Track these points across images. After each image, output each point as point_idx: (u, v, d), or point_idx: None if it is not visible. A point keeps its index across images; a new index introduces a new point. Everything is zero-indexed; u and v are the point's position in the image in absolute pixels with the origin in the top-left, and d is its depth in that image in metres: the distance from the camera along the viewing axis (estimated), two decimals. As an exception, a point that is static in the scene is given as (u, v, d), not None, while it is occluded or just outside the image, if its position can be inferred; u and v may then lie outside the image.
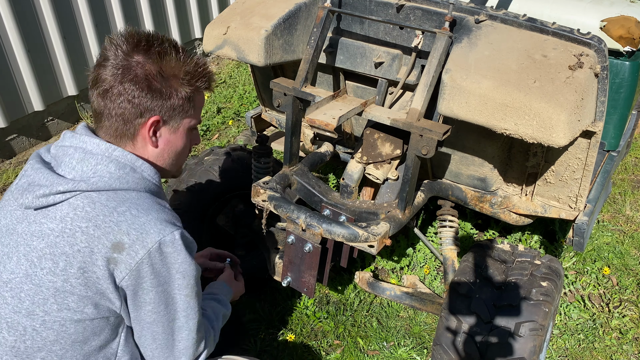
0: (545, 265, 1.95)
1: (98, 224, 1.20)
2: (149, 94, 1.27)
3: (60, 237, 1.20)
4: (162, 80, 1.28)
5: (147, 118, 1.30)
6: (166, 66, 1.28)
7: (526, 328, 1.77)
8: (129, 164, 1.29)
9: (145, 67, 1.26)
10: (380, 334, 2.43)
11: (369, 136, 1.96)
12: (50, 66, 3.62)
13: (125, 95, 1.26)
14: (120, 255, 1.20)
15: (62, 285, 1.20)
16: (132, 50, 1.26)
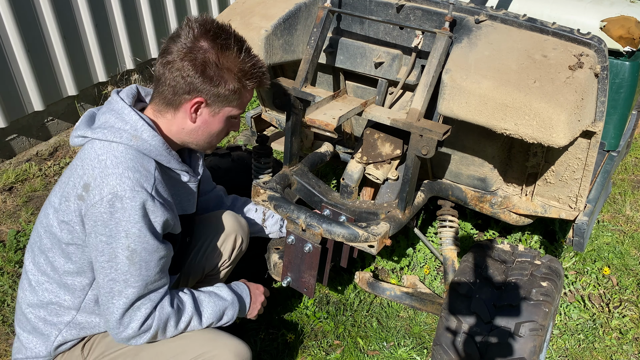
0: (545, 265, 1.95)
1: (84, 165, 1.44)
2: (201, 77, 1.43)
3: (68, 170, 1.51)
4: (216, 69, 1.43)
5: (193, 96, 1.46)
6: (224, 58, 1.44)
7: (526, 328, 1.77)
8: (130, 122, 1.47)
9: (207, 53, 1.42)
10: (380, 334, 2.43)
11: (369, 136, 1.96)
12: (50, 66, 3.62)
13: (182, 71, 1.43)
14: (86, 194, 1.42)
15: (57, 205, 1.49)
16: (201, 35, 1.42)
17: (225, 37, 1.44)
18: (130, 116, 1.47)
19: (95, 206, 1.40)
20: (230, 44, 1.44)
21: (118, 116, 1.48)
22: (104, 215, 1.40)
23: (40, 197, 3.28)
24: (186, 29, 1.43)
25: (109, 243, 1.43)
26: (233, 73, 1.45)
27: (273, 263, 2.17)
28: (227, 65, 1.44)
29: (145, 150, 1.47)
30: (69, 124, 3.95)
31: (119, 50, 4.16)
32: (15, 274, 2.69)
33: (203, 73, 1.43)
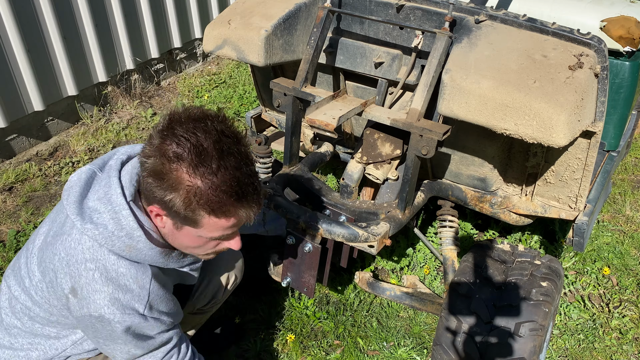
0: (545, 265, 1.95)
1: (70, 263, 1.30)
2: (156, 185, 1.19)
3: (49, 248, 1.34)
4: (167, 181, 1.16)
5: (152, 202, 1.25)
6: (176, 171, 1.15)
7: (526, 328, 1.77)
8: (127, 228, 1.27)
9: (161, 159, 1.16)
10: (380, 334, 2.43)
11: (369, 136, 1.96)
12: (50, 66, 3.62)
13: (143, 171, 1.23)
14: (74, 299, 1.31)
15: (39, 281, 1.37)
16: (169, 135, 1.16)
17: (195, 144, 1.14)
18: (127, 221, 1.27)
19: (84, 318, 1.31)
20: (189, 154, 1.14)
21: (114, 216, 1.27)
22: (96, 326, 1.32)
23: (40, 197, 3.28)
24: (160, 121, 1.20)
25: (106, 344, 1.37)
26: (180, 190, 1.16)
27: (273, 263, 2.17)
28: (177, 179, 1.16)
29: (140, 260, 1.32)
30: (69, 124, 3.95)
31: (119, 50, 4.16)
32: (15, 274, 2.69)
33: (155, 180, 1.19)
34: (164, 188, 1.17)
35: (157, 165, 1.16)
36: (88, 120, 3.99)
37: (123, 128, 3.99)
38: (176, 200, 1.17)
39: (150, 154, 1.17)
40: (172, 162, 1.14)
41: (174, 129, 1.16)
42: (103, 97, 4.13)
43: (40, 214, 3.12)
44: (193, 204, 1.17)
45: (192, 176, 1.14)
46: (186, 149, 1.14)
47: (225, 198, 1.17)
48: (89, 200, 1.31)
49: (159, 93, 4.59)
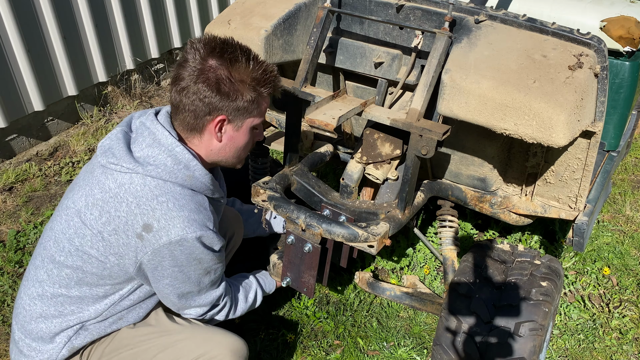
0: (545, 265, 1.95)
1: (140, 203, 1.43)
2: (217, 95, 1.44)
3: (112, 198, 1.45)
4: (230, 84, 1.43)
5: (214, 116, 1.47)
6: (235, 72, 1.44)
7: (526, 328, 1.77)
8: (184, 161, 1.48)
9: (217, 71, 1.42)
10: (380, 334, 2.43)
11: (369, 136, 1.96)
12: (50, 66, 3.62)
13: (198, 94, 1.43)
14: (148, 234, 1.43)
15: (98, 233, 1.47)
16: (208, 55, 1.42)
17: (232, 50, 1.44)
18: (183, 155, 1.48)
19: (164, 248, 1.45)
20: (238, 56, 1.44)
21: (169, 153, 1.47)
22: (175, 252, 1.46)
23: (40, 197, 3.29)
24: (192, 51, 1.44)
25: (182, 271, 1.52)
26: (247, 84, 1.46)
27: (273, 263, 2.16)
28: (240, 77, 1.45)
29: (197, 188, 1.52)
30: (69, 124, 3.95)
31: (119, 50, 4.16)
32: (15, 274, 2.69)
33: (219, 91, 1.43)
34: (232, 92, 1.44)
35: (219, 77, 1.42)
36: (88, 120, 3.99)
37: (123, 128, 3.99)
38: (246, 94, 1.46)
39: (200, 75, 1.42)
40: (232, 65, 1.43)
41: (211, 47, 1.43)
42: (103, 97, 4.14)
43: (40, 214, 3.12)
44: (258, 90, 1.48)
45: (250, 69, 1.45)
46: (237, 53, 1.44)
47: (273, 75, 1.52)
48: (136, 152, 1.48)
49: (159, 93, 4.60)
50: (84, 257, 1.51)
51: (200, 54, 1.42)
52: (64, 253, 1.53)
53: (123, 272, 1.53)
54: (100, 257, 1.50)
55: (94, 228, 1.47)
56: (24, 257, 2.78)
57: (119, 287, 1.58)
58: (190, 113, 1.47)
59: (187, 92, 1.44)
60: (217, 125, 1.49)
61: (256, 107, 1.52)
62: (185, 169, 1.48)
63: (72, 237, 1.51)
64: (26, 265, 2.74)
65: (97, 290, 1.57)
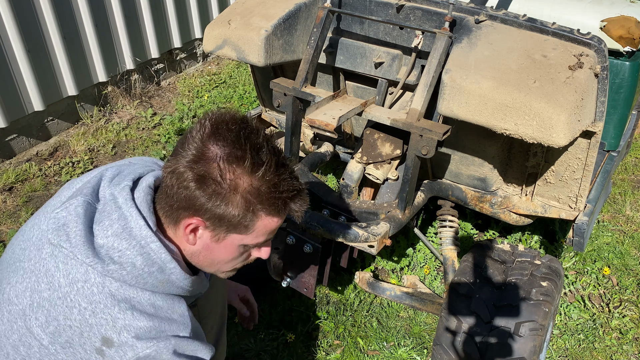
0: (545, 265, 1.95)
1: (96, 311, 1.13)
2: (198, 191, 1.11)
3: (60, 301, 1.14)
4: (216, 185, 1.10)
5: (190, 214, 1.14)
6: (231, 172, 1.10)
7: (526, 328, 1.77)
8: (158, 262, 1.17)
9: (210, 163, 1.09)
10: (380, 334, 2.43)
11: (369, 136, 1.96)
12: (50, 66, 3.62)
13: (180, 181, 1.12)
14: (109, 350, 1.14)
15: (48, 345, 1.15)
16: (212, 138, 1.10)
17: (242, 144, 1.10)
18: (159, 254, 1.16)
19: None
20: (246, 155, 1.09)
21: (141, 250, 1.15)
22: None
23: (40, 197, 3.28)
24: (200, 127, 1.12)
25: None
26: (239, 192, 1.11)
27: (273, 263, 2.17)
28: (234, 181, 1.10)
29: (171, 292, 1.22)
30: (69, 124, 3.95)
31: (119, 50, 4.16)
32: (15, 274, 2.69)
33: (200, 188, 1.10)
34: (216, 195, 1.10)
35: (209, 171, 1.09)
36: (88, 120, 3.99)
37: (123, 128, 3.99)
38: (232, 205, 1.11)
39: (193, 160, 1.10)
40: (231, 164, 1.09)
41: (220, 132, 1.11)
42: (103, 97, 4.13)
43: (40, 214, 3.13)
44: (252, 207, 1.12)
45: (253, 177, 1.10)
46: (246, 150, 1.10)
47: (285, 195, 1.14)
48: (98, 238, 1.16)
49: (159, 93, 4.59)
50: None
51: (203, 133, 1.11)
52: None
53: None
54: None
55: (42, 338, 1.15)
56: None
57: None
58: (169, 198, 1.15)
59: (172, 172, 1.13)
60: (189, 225, 1.16)
61: (245, 226, 1.15)
62: (159, 272, 1.17)
63: (16, 345, 1.18)
64: (26, 265, 2.74)
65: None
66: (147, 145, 3.82)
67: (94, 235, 1.16)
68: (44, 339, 1.14)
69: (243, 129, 1.12)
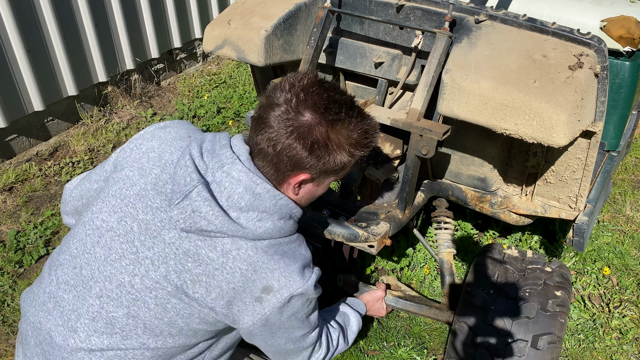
0: (557, 272, 1.92)
1: (256, 268, 1.25)
2: (309, 156, 1.25)
3: (219, 271, 1.24)
4: (325, 148, 1.25)
5: (297, 173, 1.28)
6: (334, 133, 1.25)
7: (544, 341, 1.74)
8: (289, 212, 1.31)
9: (315, 130, 1.22)
10: (380, 334, 2.43)
11: (369, 136, 1.96)
12: (50, 66, 3.62)
13: (287, 150, 1.24)
14: (268, 295, 1.27)
15: (208, 311, 1.27)
16: (307, 105, 1.22)
17: (337, 107, 1.24)
18: (288, 206, 1.31)
19: (284, 303, 1.29)
20: (342, 115, 1.24)
21: (275, 209, 1.28)
22: (295, 306, 1.32)
23: (40, 197, 3.28)
24: (288, 95, 1.23)
25: (298, 327, 1.38)
26: (344, 148, 1.27)
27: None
28: (338, 141, 1.26)
29: (296, 228, 1.38)
30: (69, 124, 3.95)
31: (119, 50, 4.16)
32: (16, 274, 2.69)
33: (311, 152, 1.24)
34: (325, 156, 1.26)
35: (316, 138, 1.23)
36: (88, 120, 3.99)
37: (123, 128, 3.99)
38: (338, 159, 1.28)
39: (296, 131, 1.22)
40: (333, 126, 1.24)
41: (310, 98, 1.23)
42: (103, 97, 4.14)
43: (40, 214, 3.12)
44: (352, 154, 1.29)
45: (350, 131, 1.27)
46: (338, 109, 1.24)
47: (372, 135, 1.33)
48: (231, 211, 1.25)
49: (159, 93, 4.60)
50: (189, 334, 1.31)
51: (297, 101, 1.22)
52: (161, 338, 1.30)
53: (228, 329, 1.38)
54: (209, 328, 1.32)
55: (205, 305, 1.27)
56: (23, 257, 2.78)
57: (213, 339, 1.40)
58: (273, 165, 1.27)
59: (275, 144, 1.24)
60: (297, 182, 1.31)
61: (346, 168, 1.34)
62: (291, 219, 1.33)
63: (173, 320, 1.29)
64: (26, 265, 2.74)
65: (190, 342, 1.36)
66: (147, 145, 3.81)
67: (226, 211, 1.24)
68: (204, 307, 1.27)
69: (327, 90, 1.26)
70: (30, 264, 2.75)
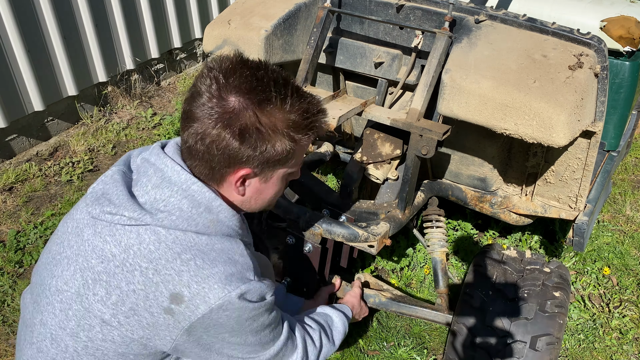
0: (556, 273, 1.90)
1: (158, 268, 1.10)
2: (241, 146, 1.10)
3: (119, 269, 1.12)
4: (257, 133, 1.09)
5: (235, 169, 1.14)
6: (266, 116, 1.09)
7: (543, 342, 1.73)
8: (204, 202, 1.15)
9: (242, 114, 1.07)
10: (380, 334, 2.43)
11: (369, 136, 1.96)
12: (50, 66, 3.62)
13: (216, 142, 1.09)
14: (179, 307, 1.10)
15: (110, 319, 1.13)
16: (229, 88, 1.08)
17: (261, 84, 1.09)
18: (202, 194, 1.14)
19: (203, 318, 1.11)
20: (270, 94, 1.09)
21: (184, 194, 1.13)
22: (220, 320, 1.13)
23: (40, 197, 3.28)
24: (207, 81, 1.09)
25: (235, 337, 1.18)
26: (281, 131, 1.11)
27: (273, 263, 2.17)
28: (271, 123, 1.10)
29: (225, 233, 1.19)
30: (69, 124, 3.95)
31: (119, 50, 4.16)
32: (16, 274, 2.69)
33: (243, 141, 1.09)
34: (260, 142, 1.11)
35: (245, 122, 1.08)
36: (88, 120, 3.99)
37: (123, 128, 3.99)
38: (277, 145, 1.12)
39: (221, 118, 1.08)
40: (262, 108, 1.09)
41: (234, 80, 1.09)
42: (103, 97, 4.13)
43: (40, 214, 3.12)
44: (293, 138, 1.14)
45: (285, 112, 1.11)
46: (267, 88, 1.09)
47: (315, 115, 1.17)
48: (139, 197, 1.15)
49: (159, 93, 4.59)
50: (97, 355, 1.16)
51: (218, 86, 1.08)
52: (67, 355, 1.17)
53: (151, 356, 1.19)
54: (120, 348, 1.15)
55: (104, 313, 1.12)
56: (23, 257, 2.78)
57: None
58: (205, 163, 1.14)
59: (202, 137, 1.09)
60: (238, 179, 1.16)
61: (291, 157, 1.18)
62: (206, 212, 1.15)
63: (75, 332, 1.15)
64: (26, 265, 2.74)
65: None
66: (147, 145, 3.82)
67: (135, 196, 1.15)
68: (106, 312, 1.12)
69: (252, 68, 1.10)
70: (30, 264, 2.75)
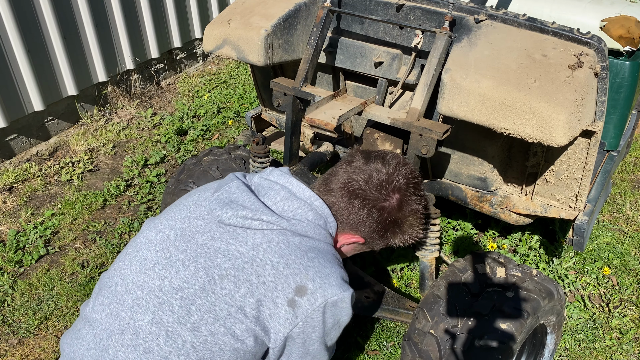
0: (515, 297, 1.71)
1: (289, 262, 1.22)
2: (377, 231, 1.35)
3: (248, 264, 1.22)
4: (392, 231, 1.37)
5: (354, 234, 1.38)
6: (406, 224, 1.38)
7: None
8: (324, 216, 1.32)
9: (396, 215, 1.34)
10: (380, 334, 2.43)
11: (369, 136, 1.96)
12: (50, 66, 3.62)
13: (364, 216, 1.33)
14: (301, 299, 1.21)
15: (236, 311, 1.20)
16: (402, 193, 1.34)
17: (418, 200, 1.38)
18: (323, 209, 1.32)
19: (317, 311, 1.22)
20: (420, 209, 1.38)
21: (309, 207, 1.30)
22: (326, 315, 1.25)
23: (40, 197, 3.28)
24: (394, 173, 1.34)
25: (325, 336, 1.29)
26: (406, 233, 1.40)
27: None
28: (405, 228, 1.39)
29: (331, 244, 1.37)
30: (69, 124, 3.95)
31: (119, 50, 4.16)
32: (16, 274, 2.69)
33: (381, 230, 1.36)
34: (391, 235, 1.38)
35: (396, 221, 1.36)
36: (88, 120, 3.99)
37: (123, 128, 3.99)
38: (396, 240, 1.40)
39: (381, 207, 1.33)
40: (413, 215, 1.38)
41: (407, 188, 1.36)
42: (103, 97, 4.14)
43: (40, 214, 3.12)
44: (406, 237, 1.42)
45: (416, 218, 1.39)
46: (420, 203, 1.39)
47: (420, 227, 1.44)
48: (270, 206, 1.30)
49: (159, 93, 4.59)
50: (214, 350, 1.20)
51: (397, 185, 1.33)
52: (182, 352, 1.19)
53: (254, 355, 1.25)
54: (236, 343, 1.20)
55: (231, 305, 1.19)
56: (24, 257, 2.78)
57: None
58: (338, 217, 1.35)
59: (354, 206, 1.33)
60: (351, 241, 1.39)
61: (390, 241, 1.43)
62: (325, 224, 1.33)
63: (197, 326, 1.19)
64: (26, 265, 2.74)
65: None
66: (147, 145, 3.82)
67: (267, 207, 1.28)
68: (233, 305, 1.20)
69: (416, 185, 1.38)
70: (30, 264, 2.75)
